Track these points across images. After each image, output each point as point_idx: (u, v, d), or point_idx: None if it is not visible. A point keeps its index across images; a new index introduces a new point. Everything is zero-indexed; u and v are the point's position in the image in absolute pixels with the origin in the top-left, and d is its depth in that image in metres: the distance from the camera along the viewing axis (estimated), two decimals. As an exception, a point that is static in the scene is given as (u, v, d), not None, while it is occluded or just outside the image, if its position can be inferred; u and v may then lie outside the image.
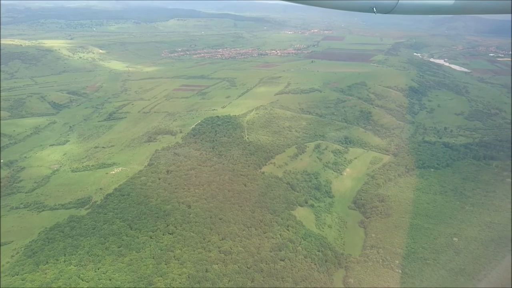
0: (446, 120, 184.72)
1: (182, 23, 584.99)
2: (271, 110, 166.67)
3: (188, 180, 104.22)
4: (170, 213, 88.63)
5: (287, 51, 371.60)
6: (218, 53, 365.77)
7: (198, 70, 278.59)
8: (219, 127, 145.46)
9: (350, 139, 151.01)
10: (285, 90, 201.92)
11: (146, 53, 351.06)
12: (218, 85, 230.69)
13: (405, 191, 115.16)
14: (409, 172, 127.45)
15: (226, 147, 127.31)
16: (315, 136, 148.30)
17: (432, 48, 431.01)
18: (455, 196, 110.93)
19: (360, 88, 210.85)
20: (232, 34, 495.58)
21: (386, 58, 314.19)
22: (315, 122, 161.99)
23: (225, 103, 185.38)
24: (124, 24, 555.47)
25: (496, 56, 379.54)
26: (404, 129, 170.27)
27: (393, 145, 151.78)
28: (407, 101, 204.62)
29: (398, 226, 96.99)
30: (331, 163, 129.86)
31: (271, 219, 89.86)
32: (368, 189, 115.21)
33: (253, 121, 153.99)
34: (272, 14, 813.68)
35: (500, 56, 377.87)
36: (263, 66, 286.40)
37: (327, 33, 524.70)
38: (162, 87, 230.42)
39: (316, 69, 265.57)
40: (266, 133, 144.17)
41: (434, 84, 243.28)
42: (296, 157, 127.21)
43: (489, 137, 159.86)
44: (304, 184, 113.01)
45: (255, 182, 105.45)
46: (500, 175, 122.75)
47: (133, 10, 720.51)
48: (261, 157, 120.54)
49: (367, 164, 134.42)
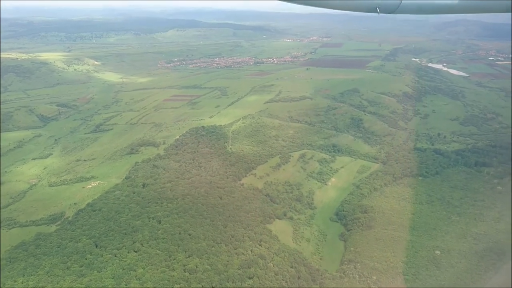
0: (440, 125, 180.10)
1: (182, 34, 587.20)
2: (258, 119, 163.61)
3: (163, 194, 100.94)
4: (138, 229, 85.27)
5: (284, 59, 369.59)
6: (215, 62, 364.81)
7: (192, 80, 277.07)
8: (203, 137, 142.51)
9: (338, 148, 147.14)
10: (276, 98, 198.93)
11: (142, 64, 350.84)
12: (209, 94, 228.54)
13: (390, 201, 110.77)
14: (396, 181, 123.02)
15: (207, 158, 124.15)
16: (302, 145, 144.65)
17: (432, 53, 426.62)
18: (442, 206, 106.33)
19: (353, 95, 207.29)
20: (230, 43, 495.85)
21: (383, 64, 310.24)
22: (303, 130, 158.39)
23: (213, 113, 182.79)
24: (123, 36, 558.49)
25: (495, 59, 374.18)
26: (395, 136, 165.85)
27: (383, 153, 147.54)
28: (401, 107, 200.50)
29: (380, 238, 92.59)
30: (315, 172, 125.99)
31: (244, 234, 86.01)
32: (351, 199, 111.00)
33: (239, 130, 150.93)
34: (273, 22, 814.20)
35: (499, 60, 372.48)
36: (257, 75, 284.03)
37: (326, 40, 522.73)
38: (153, 97, 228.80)
39: (310, 76, 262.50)
40: (251, 143, 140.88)
41: (429, 89, 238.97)
42: (279, 167, 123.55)
43: (483, 142, 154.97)
44: (285, 196, 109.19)
45: (232, 195, 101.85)
46: (490, 182, 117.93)
47: (134, 21, 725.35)
48: (241, 168, 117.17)
49: (354, 173, 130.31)
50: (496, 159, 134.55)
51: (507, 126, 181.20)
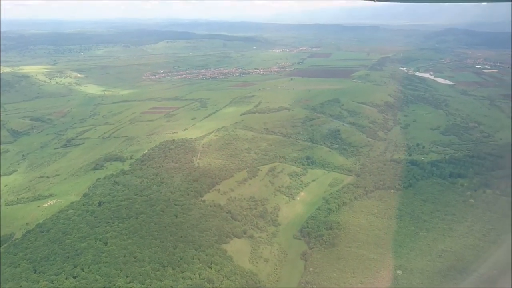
0: (420, 135, 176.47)
1: (171, 45, 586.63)
2: (232, 132, 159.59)
3: (117, 213, 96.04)
4: (82, 252, 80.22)
5: (271, 69, 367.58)
6: (201, 73, 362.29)
7: (174, 91, 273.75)
8: (171, 151, 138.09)
9: (312, 160, 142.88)
10: (253, 109, 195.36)
11: (127, 76, 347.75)
12: (188, 106, 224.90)
13: (359, 216, 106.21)
14: (367, 194, 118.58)
15: (170, 173, 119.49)
16: (274, 158, 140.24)
17: (419, 62, 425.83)
18: (411, 221, 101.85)
19: (333, 105, 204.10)
20: (219, 54, 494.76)
21: (368, 74, 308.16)
22: (277, 142, 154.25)
23: (188, 125, 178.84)
24: (112, 48, 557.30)
25: (482, 68, 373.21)
26: (373, 147, 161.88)
27: (358, 164, 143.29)
28: (381, 117, 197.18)
29: (341, 257, 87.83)
30: (284, 187, 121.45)
31: (194, 256, 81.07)
32: (318, 215, 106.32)
33: (210, 143, 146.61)
34: (265, 33, 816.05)
35: (486, 68, 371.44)
36: (241, 86, 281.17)
37: (315, 50, 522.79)
38: (132, 110, 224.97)
39: (293, 87, 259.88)
40: (221, 157, 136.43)
41: (412, 98, 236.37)
42: (245, 182, 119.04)
43: (461, 152, 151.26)
44: (248, 212, 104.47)
45: (189, 213, 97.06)
46: (463, 195, 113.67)
47: (126, 34, 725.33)
48: (204, 184, 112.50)
49: (325, 187, 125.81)
50: (472, 169, 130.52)
51: (488, 135, 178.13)
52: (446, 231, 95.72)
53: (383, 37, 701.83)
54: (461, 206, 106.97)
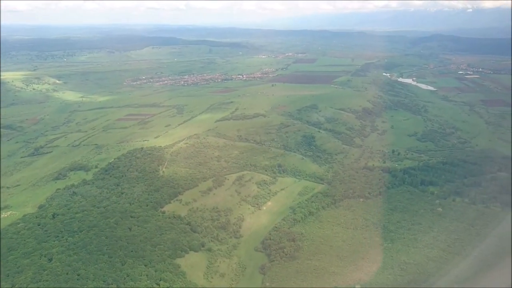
0: (396, 142, 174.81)
1: (157, 51, 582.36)
2: (203, 139, 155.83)
3: (69, 226, 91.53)
4: (24, 270, 75.70)
5: (254, 75, 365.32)
6: (183, 79, 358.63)
7: (153, 98, 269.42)
8: (138, 160, 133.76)
9: (283, 168, 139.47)
10: (229, 116, 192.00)
11: (107, 82, 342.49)
12: (165, 113, 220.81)
13: (324, 226, 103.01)
14: (336, 203, 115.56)
15: (132, 183, 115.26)
16: (244, 166, 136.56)
17: (403, 67, 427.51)
18: (376, 231, 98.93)
19: (310, 111, 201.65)
20: (204, 60, 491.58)
21: (350, 79, 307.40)
22: (249, 150, 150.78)
23: (161, 133, 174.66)
24: (97, 54, 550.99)
25: (465, 73, 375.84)
26: (348, 154, 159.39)
27: (331, 172, 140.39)
28: (359, 124, 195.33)
29: (301, 271, 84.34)
30: (251, 196, 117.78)
31: (142, 272, 76.90)
32: (282, 226, 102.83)
33: (179, 152, 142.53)
34: (253, 39, 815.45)
35: (468, 74, 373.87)
36: (221, 92, 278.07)
37: (301, 56, 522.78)
38: (107, 117, 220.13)
39: (273, 93, 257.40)
40: (188, 165, 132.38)
41: (391, 104, 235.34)
42: (210, 191, 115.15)
43: (436, 159, 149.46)
44: (209, 224, 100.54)
45: (145, 225, 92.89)
46: (431, 203, 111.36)
47: (111, 39, 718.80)
48: (166, 194, 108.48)
49: (294, 196, 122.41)
50: (444, 177, 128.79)
51: (465, 141, 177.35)
52: (411, 241, 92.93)
53: (369, 43, 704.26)
54: (428, 215, 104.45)
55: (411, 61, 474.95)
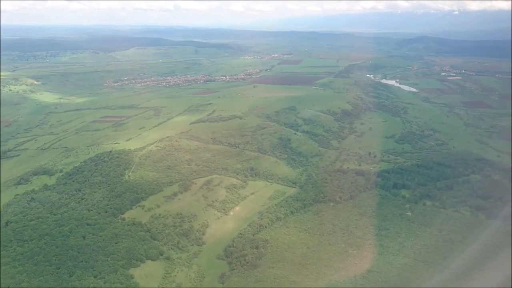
0: (374, 144, 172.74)
1: (142, 52, 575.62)
2: (175, 142, 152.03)
3: (20, 234, 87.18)
4: (-37, 282, 71.05)
5: (237, 76, 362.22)
6: (166, 80, 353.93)
7: (132, 99, 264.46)
8: (104, 164, 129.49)
9: (256, 171, 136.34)
10: (205, 118, 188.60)
11: (87, 83, 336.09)
12: (141, 115, 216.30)
13: (291, 232, 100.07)
14: (305, 208, 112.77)
15: (94, 189, 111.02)
16: (215, 170, 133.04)
17: (387, 69, 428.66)
18: (343, 237, 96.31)
19: (288, 113, 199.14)
20: (189, 61, 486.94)
21: (332, 81, 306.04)
22: (221, 153, 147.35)
23: (133, 135, 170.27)
24: (81, 54, 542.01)
25: (447, 75, 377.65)
26: (324, 156, 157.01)
27: (304, 175, 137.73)
28: (337, 125, 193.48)
29: (261, 279, 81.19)
30: (218, 201, 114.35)
31: (91, 284, 72.98)
32: (247, 232, 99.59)
33: (149, 155, 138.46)
34: (241, 40, 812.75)
35: (451, 75, 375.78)
36: (201, 93, 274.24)
37: (287, 57, 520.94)
38: (82, 119, 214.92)
39: (253, 94, 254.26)
40: (156, 169, 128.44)
41: (371, 106, 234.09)
42: (175, 196, 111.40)
43: (411, 161, 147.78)
44: (171, 231, 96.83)
45: (100, 233, 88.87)
46: (401, 208, 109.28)
47: (97, 40, 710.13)
48: (128, 200, 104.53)
49: (264, 200, 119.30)
50: (417, 180, 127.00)
51: (442, 143, 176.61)
52: (376, 248, 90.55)
53: (356, 45, 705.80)
54: (397, 220, 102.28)
55: (396, 62, 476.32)
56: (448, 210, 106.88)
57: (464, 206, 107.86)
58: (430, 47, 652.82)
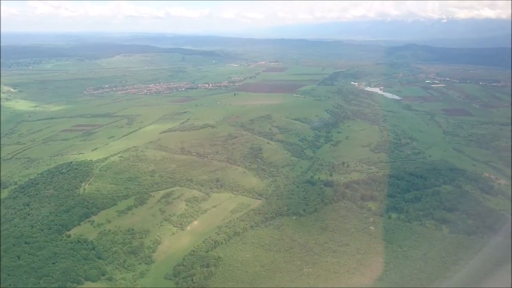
0: (349, 153, 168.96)
1: (128, 59, 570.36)
2: (141, 152, 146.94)
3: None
4: None
5: (220, 84, 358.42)
6: (147, 88, 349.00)
7: (109, 107, 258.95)
8: (61, 176, 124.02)
9: (221, 182, 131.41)
10: (177, 127, 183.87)
11: (66, 91, 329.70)
12: (114, 123, 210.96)
13: (247, 248, 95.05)
14: (266, 222, 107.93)
15: (43, 203, 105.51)
16: (179, 181, 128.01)
17: (373, 76, 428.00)
18: (300, 254, 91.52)
19: (264, 121, 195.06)
20: (174, 68, 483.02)
21: (314, 88, 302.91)
22: (188, 163, 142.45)
23: (100, 145, 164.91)
24: (65, 62, 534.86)
25: (431, 82, 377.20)
26: (295, 166, 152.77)
27: (272, 187, 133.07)
28: (313, 134, 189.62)
29: (206, 302, 75.93)
30: (176, 215, 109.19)
31: (14, 310, 67.38)
32: (200, 249, 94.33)
33: (110, 166, 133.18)
34: (230, 47, 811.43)
35: (435, 83, 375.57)
36: (180, 101, 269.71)
37: (273, 64, 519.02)
38: (53, 128, 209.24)
39: (231, 102, 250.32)
40: (116, 181, 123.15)
41: (350, 114, 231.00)
42: (129, 210, 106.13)
43: (384, 171, 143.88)
44: (118, 248, 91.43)
45: (38, 253, 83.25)
46: (365, 221, 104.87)
47: (84, 47, 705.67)
48: (76, 215, 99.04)
49: (226, 213, 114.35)
50: (386, 191, 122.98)
51: (418, 152, 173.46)
52: (333, 265, 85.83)
53: (344, 52, 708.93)
54: (358, 235, 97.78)
55: (382, 70, 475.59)
56: (413, 223, 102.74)
57: (429, 219, 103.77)
58: (418, 54, 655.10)
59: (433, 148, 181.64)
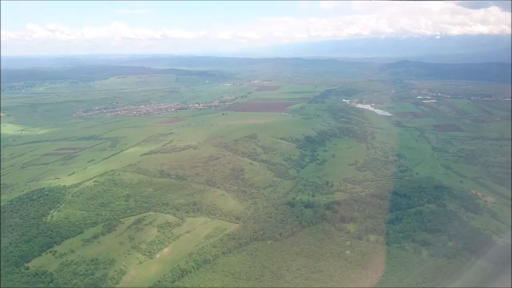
0: (334, 172, 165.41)
1: (122, 81, 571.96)
2: (117, 176, 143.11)
3: None
4: None
5: (211, 104, 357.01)
6: (137, 109, 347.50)
7: (96, 129, 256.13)
8: (30, 203, 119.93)
9: (198, 206, 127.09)
10: (158, 148, 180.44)
11: (56, 114, 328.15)
12: (97, 146, 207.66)
13: (216, 277, 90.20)
14: (240, 247, 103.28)
15: (5, 232, 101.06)
16: (154, 206, 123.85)
17: (365, 93, 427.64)
18: (271, 282, 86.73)
19: (248, 141, 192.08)
20: (167, 89, 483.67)
21: (304, 106, 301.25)
22: (165, 187, 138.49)
23: (78, 169, 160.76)
24: (59, 84, 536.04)
25: (423, 98, 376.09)
26: (278, 187, 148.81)
27: (251, 210, 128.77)
28: (298, 153, 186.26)
29: None
30: (146, 242, 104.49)
31: None
32: (166, 279, 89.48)
33: (83, 191, 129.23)
34: (225, 67, 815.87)
35: (427, 98, 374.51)
36: (168, 122, 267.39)
37: (266, 83, 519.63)
38: (36, 152, 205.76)
39: (218, 122, 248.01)
40: (87, 207, 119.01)
41: (338, 132, 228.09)
42: (95, 239, 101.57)
43: (368, 190, 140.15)
44: (79, 280, 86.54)
45: (-11, 287, 78.55)
46: (342, 245, 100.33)
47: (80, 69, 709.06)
48: (38, 245, 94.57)
49: (199, 239, 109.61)
50: (367, 212, 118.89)
51: (406, 170, 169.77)
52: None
53: (338, 70, 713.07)
54: (333, 260, 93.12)
55: (375, 86, 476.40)
56: (392, 246, 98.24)
57: (409, 242, 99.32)
58: (411, 71, 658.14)
59: (421, 165, 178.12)
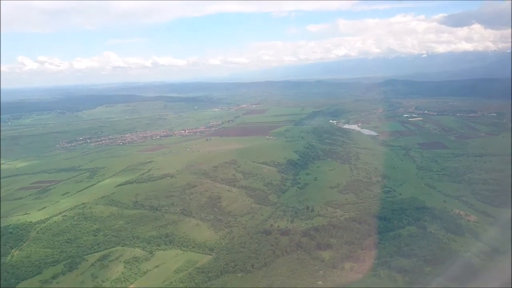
0: (316, 196, 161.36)
1: (109, 110, 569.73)
2: (88, 209, 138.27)
3: None
4: None
5: (197, 130, 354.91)
6: (122, 138, 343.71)
7: (76, 160, 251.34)
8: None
9: (171, 238, 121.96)
10: (135, 178, 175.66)
11: (38, 146, 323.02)
12: (75, 178, 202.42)
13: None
14: (209, 281, 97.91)
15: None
16: (124, 239, 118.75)
17: (352, 113, 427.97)
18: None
19: (228, 167, 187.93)
20: (155, 116, 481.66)
21: (288, 129, 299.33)
22: (138, 219, 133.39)
23: (49, 204, 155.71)
24: (46, 115, 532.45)
25: (409, 116, 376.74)
26: (256, 214, 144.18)
27: (226, 239, 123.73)
28: (280, 177, 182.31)
29: None
30: (110, 280, 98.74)
31: None
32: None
33: (50, 227, 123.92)
34: (215, 92, 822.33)
35: (413, 116, 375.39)
36: (150, 150, 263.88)
37: (254, 107, 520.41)
38: (11, 186, 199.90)
39: (202, 148, 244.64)
40: (52, 244, 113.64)
41: (322, 154, 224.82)
42: (54, 279, 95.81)
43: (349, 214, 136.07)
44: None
45: None
46: (315, 275, 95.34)
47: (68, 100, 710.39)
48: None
49: (168, 274, 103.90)
50: (345, 237, 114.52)
51: (389, 191, 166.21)
52: (270, 333, 75.37)
53: (326, 91, 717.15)
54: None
55: (362, 106, 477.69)
56: (367, 274, 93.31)
57: (384, 269, 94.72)
58: (398, 89, 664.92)
59: (405, 185, 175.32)
